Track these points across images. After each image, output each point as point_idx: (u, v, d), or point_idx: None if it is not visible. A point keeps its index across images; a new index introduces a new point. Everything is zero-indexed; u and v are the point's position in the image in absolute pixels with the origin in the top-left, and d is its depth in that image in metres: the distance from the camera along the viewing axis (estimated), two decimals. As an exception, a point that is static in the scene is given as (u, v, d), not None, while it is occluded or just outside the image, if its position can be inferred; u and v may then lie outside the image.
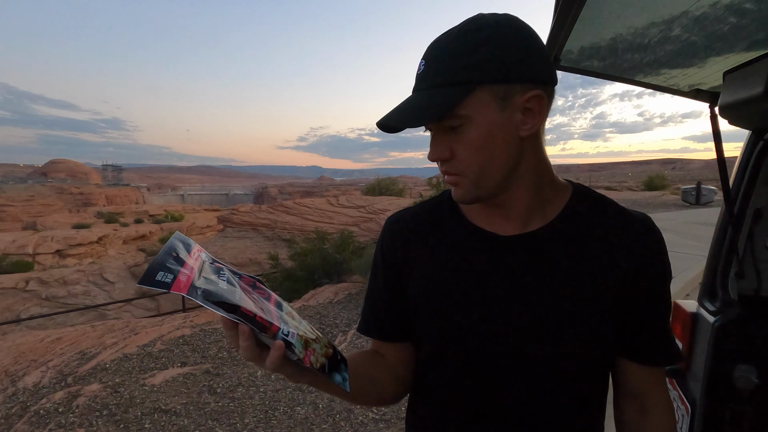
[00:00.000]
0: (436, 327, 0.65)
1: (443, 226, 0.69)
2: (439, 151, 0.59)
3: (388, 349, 0.73)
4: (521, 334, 0.60)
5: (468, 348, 0.63)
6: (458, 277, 0.64)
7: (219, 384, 2.97)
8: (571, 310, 0.59)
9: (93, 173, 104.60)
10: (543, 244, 0.62)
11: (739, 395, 1.30)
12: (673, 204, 15.79)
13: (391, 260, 0.71)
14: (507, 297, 0.61)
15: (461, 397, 0.65)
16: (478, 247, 0.64)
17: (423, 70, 0.57)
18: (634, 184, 36.80)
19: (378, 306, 0.73)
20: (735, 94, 1.06)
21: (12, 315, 13.89)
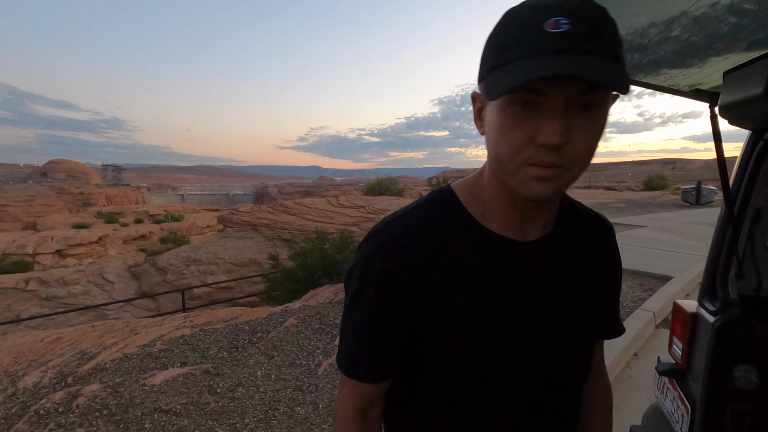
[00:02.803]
0: (474, 353, 0.58)
1: (462, 240, 0.59)
2: (563, 133, 0.46)
3: (385, 386, 0.64)
4: (555, 345, 0.61)
5: (509, 368, 0.59)
6: (493, 296, 0.58)
7: (219, 384, 2.97)
8: (585, 309, 0.64)
9: (93, 173, 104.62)
10: (555, 250, 0.62)
11: (739, 395, 1.30)
12: (673, 204, 15.78)
13: (404, 291, 0.58)
14: (538, 308, 0.60)
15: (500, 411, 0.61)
16: (506, 257, 0.59)
17: (575, 30, 0.45)
18: (634, 184, 36.79)
19: (389, 345, 0.61)
20: (735, 94, 1.06)
21: (12, 315, 13.90)
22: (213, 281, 13.85)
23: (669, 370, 1.54)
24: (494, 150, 0.52)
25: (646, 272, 5.48)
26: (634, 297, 4.61)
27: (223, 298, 12.23)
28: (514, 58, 0.47)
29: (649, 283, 5.08)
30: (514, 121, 0.49)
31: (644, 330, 3.77)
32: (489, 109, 0.53)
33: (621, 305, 4.34)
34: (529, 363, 0.60)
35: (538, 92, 0.47)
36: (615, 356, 3.16)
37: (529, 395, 0.61)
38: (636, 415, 2.46)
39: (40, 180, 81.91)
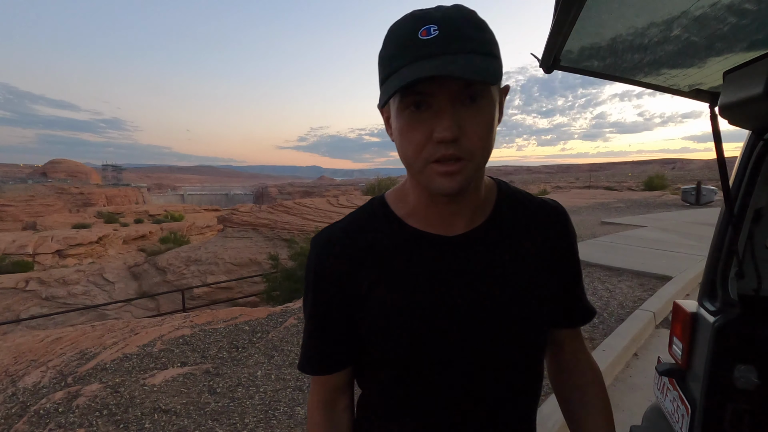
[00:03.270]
0: (405, 344, 0.61)
1: (386, 239, 0.63)
2: (453, 128, 0.51)
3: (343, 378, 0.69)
4: (489, 331, 0.62)
5: (442, 357, 0.61)
6: (419, 289, 0.61)
7: (219, 384, 2.97)
8: (524, 299, 0.63)
9: (93, 173, 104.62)
10: (486, 241, 0.64)
11: (739, 395, 1.30)
12: (673, 204, 15.78)
13: (334, 288, 0.63)
14: (468, 299, 0.61)
15: (438, 407, 0.63)
16: (429, 252, 0.62)
17: (443, 36, 0.50)
18: (634, 184, 36.79)
19: (329, 338, 0.66)
20: (735, 94, 1.06)
21: (12, 315, 13.90)
22: (213, 281, 13.85)
23: (669, 370, 1.54)
24: (401, 152, 0.57)
25: (646, 272, 5.48)
26: (634, 297, 4.61)
27: (223, 298, 12.23)
28: (399, 66, 0.52)
29: (649, 283, 5.08)
30: (411, 122, 0.54)
31: (644, 330, 3.77)
32: (392, 117, 0.58)
33: (621, 305, 4.35)
34: (459, 352, 0.61)
35: (426, 94, 0.52)
36: (615, 356, 3.16)
37: (464, 385, 0.62)
38: (636, 415, 2.46)
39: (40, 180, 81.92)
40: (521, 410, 0.67)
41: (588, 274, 5.54)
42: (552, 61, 0.99)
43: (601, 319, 3.99)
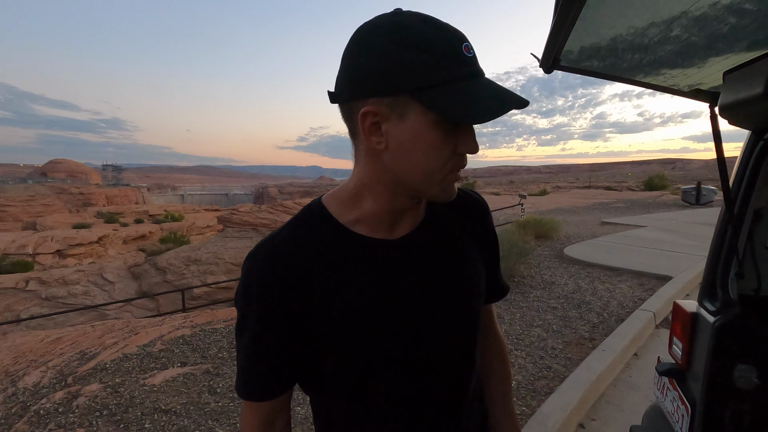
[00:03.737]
0: (366, 346, 0.61)
1: (333, 247, 0.62)
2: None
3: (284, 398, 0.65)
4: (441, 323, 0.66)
5: (401, 354, 0.63)
6: (372, 293, 0.61)
7: (219, 384, 2.97)
8: (468, 289, 0.69)
9: (93, 173, 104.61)
10: (427, 240, 0.67)
11: (739, 395, 1.30)
12: (673, 204, 15.78)
13: (282, 303, 0.59)
14: (419, 296, 0.64)
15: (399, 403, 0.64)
16: (377, 257, 0.63)
17: (474, 54, 0.54)
18: (634, 184, 36.80)
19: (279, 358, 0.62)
20: (735, 94, 1.06)
21: (12, 315, 13.90)
22: (213, 281, 13.85)
23: (669, 370, 1.54)
24: (423, 163, 0.55)
25: (646, 272, 5.48)
26: (634, 297, 4.61)
27: (223, 298, 12.23)
28: (449, 79, 0.52)
29: (649, 283, 5.08)
30: (445, 136, 0.54)
31: (644, 330, 3.77)
32: (406, 125, 0.54)
33: (621, 305, 4.36)
34: (416, 349, 0.64)
35: None
36: (615, 356, 3.16)
37: (422, 379, 0.65)
38: (636, 415, 2.46)
39: (40, 180, 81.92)
40: (471, 387, 0.72)
41: (588, 274, 5.54)
42: (552, 61, 0.99)
43: (601, 319, 3.99)
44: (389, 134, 0.55)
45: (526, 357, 3.26)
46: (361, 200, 0.63)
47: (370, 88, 0.53)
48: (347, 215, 0.63)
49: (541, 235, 7.99)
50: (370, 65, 0.53)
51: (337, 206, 0.64)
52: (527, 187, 42.98)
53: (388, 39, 0.52)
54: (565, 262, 6.22)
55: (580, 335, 3.65)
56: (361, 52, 0.54)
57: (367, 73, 0.53)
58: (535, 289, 5.01)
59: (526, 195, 13.79)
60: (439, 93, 0.51)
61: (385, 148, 0.56)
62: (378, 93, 0.53)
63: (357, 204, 0.63)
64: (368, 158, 0.59)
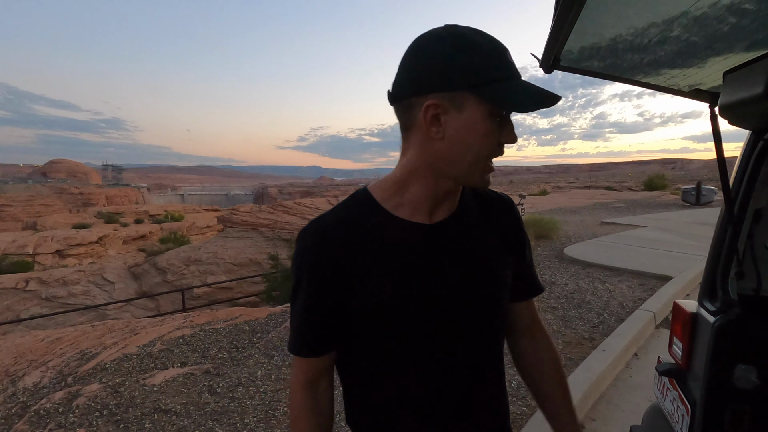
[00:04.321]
0: (398, 321, 0.68)
1: (376, 228, 0.70)
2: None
3: (326, 360, 0.74)
4: (470, 301, 0.72)
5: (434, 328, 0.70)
6: (409, 270, 0.69)
7: (219, 384, 2.97)
8: (493, 273, 0.75)
9: (93, 173, 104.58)
10: (459, 227, 0.74)
11: (739, 395, 1.30)
12: (673, 204, 15.78)
13: (330, 275, 0.68)
14: (452, 275, 0.71)
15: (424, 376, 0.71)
16: (416, 238, 0.70)
17: (514, 62, 0.64)
18: (634, 184, 36.79)
19: (323, 322, 0.71)
20: (735, 94, 1.06)
21: (12, 315, 13.90)
22: (213, 281, 13.85)
23: (669, 370, 1.54)
24: (474, 150, 0.64)
25: (646, 272, 5.48)
26: (634, 297, 4.61)
27: (223, 298, 12.23)
28: (499, 78, 0.62)
29: (649, 283, 5.08)
30: (494, 127, 0.64)
31: (644, 330, 3.77)
32: (463, 116, 0.63)
33: (621, 305, 4.36)
34: (445, 323, 0.70)
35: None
36: (615, 356, 3.16)
37: (449, 358, 0.71)
38: (636, 415, 2.46)
39: (40, 180, 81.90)
40: (495, 366, 0.78)
41: (588, 274, 5.54)
42: (552, 61, 0.99)
43: (601, 319, 3.99)
44: (447, 125, 0.64)
45: (526, 357, 3.26)
46: (406, 186, 0.71)
47: (432, 84, 0.62)
48: (390, 201, 0.71)
49: (541, 235, 7.99)
50: (433, 66, 0.62)
51: (381, 193, 0.72)
52: (527, 187, 42.98)
53: (450, 44, 0.62)
54: (565, 262, 6.22)
55: (580, 335, 3.65)
56: (424, 56, 0.63)
57: (430, 73, 0.62)
58: (535, 289, 5.01)
59: (526, 195, 13.79)
60: (492, 88, 0.61)
61: (442, 138, 0.64)
62: (440, 89, 0.62)
63: (401, 190, 0.71)
64: (422, 147, 0.67)
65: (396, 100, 0.68)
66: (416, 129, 0.66)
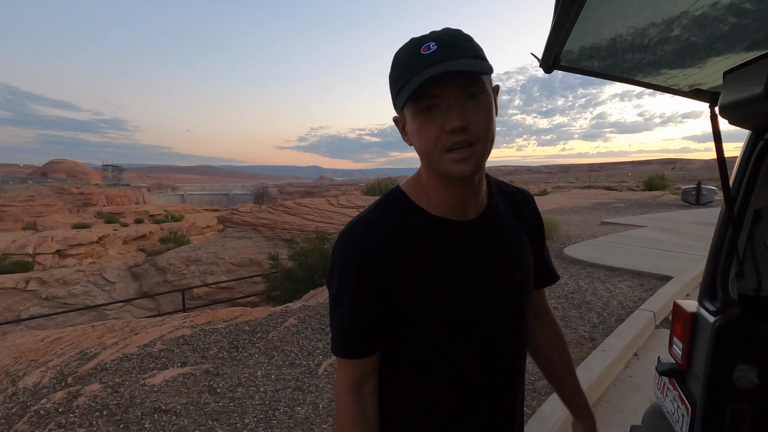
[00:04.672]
0: (441, 316, 0.71)
1: (417, 229, 0.72)
2: (461, 118, 0.63)
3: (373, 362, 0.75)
4: (507, 294, 0.76)
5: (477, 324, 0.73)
6: (451, 268, 0.72)
7: (219, 384, 2.97)
8: (526, 267, 0.80)
9: (93, 173, 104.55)
10: (492, 223, 0.77)
11: (739, 395, 1.30)
12: (673, 204, 15.78)
13: (374, 280, 0.70)
14: (491, 270, 0.74)
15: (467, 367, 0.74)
16: (453, 236, 0.73)
17: (441, 48, 0.63)
18: (634, 184, 36.78)
19: (369, 325, 0.72)
20: (735, 94, 1.06)
21: (12, 315, 13.89)
22: (213, 281, 13.85)
23: (669, 370, 1.54)
24: (420, 149, 0.68)
25: (646, 272, 5.48)
26: (634, 297, 4.61)
27: (223, 298, 12.23)
28: (407, 79, 0.64)
29: (649, 283, 5.08)
30: (425, 122, 0.65)
31: (644, 330, 3.77)
32: (408, 121, 0.68)
33: (621, 305, 4.35)
34: (487, 323, 0.74)
35: (435, 97, 0.64)
36: (615, 356, 3.16)
37: (490, 353, 0.75)
38: (636, 415, 2.46)
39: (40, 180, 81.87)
40: (523, 354, 0.82)
41: (588, 274, 5.54)
42: (552, 61, 0.99)
43: (602, 319, 3.99)
44: (408, 132, 0.70)
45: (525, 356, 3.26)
46: (425, 186, 0.75)
47: (393, 102, 0.70)
48: (423, 200, 0.74)
49: (541, 235, 7.98)
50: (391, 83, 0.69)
51: (414, 192, 0.76)
52: (527, 187, 42.94)
53: (395, 63, 0.68)
54: (565, 262, 6.22)
55: (580, 335, 3.65)
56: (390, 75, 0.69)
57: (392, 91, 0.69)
58: (535, 289, 5.01)
59: (526, 195, 13.72)
60: (406, 89, 0.64)
61: (410, 143, 0.71)
62: (394, 105, 0.70)
63: (425, 190, 0.75)
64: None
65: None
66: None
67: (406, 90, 0.63)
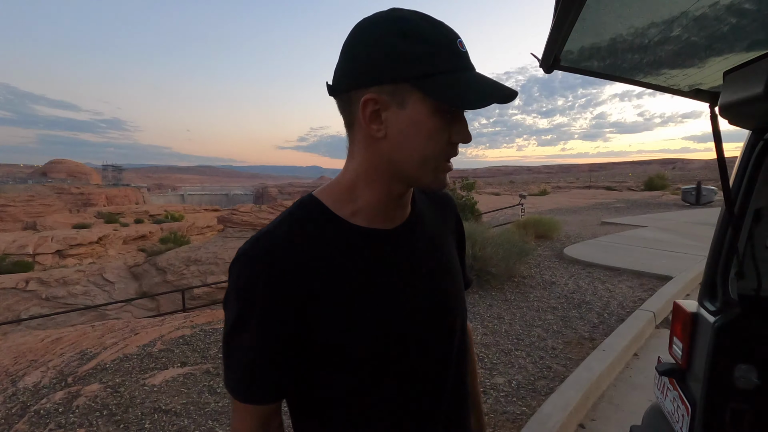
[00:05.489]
0: (373, 344, 0.61)
1: (334, 240, 0.61)
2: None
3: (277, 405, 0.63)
4: (439, 308, 0.68)
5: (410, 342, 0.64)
6: (376, 282, 0.62)
7: (219, 384, 2.96)
8: (455, 274, 0.73)
9: (93, 173, 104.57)
10: (417, 229, 0.69)
11: (739, 395, 1.30)
12: (673, 204, 15.78)
13: (286, 304, 0.57)
14: (419, 283, 0.66)
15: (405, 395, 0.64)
16: (377, 246, 0.63)
17: (467, 51, 0.58)
18: (634, 184, 36.80)
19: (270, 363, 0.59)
20: (735, 94, 1.06)
21: (12, 315, 13.90)
22: (213, 281, 13.85)
23: (669, 370, 1.54)
24: (421, 150, 0.57)
25: (646, 272, 5.48)
26: (634, 297, 4.61)
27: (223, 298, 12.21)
28: (447, 69, 0.55)
29: (649, 283, 5.08)
30: (443, 124, 0.57)
31: (644, 330, 3.77)
32: (406, 112, 0.56)
33: (621, 305, 4.36)
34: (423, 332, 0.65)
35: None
36: (615, 356, 3.16)
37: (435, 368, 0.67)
38: (636, 415, 2.46)
39: (41, 180, 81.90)
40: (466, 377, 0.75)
41: (588, 274, 5.54)
42: (552, 61, 0.99)
43: (602, 319, 3.99)
44: (389, 122, 0.57)
45: (526, 357, 3.26)
46: (357, 191, 0.63)
47: (371, 77, 0.55)
48: (344, 208, 0.63)
49: (541, 235, 7.99)
50: (373, 55, 0.55)
51: (333, 200, 0.64)
52: (527, 187, 42.97)
53: (390, 30, 0.54)
54: (566, 262, 6.22)
55: (581, 335, 3.65)
56: (363, 43, 0.56)
57: (368, 63, 0.55)
58: (536, 289, 5.01)
59: (526, 195, 13.79)
60: (438, 81, 0.54)
61: (384, 136, 0.57)
62: (379, 81, 0.55)
63: (353, 196, 0.63)
64: (366, 148, 0.60)
65: (335, 93, 0.60)
66: (358, 127, 0.59)
67: (450, 86, 0.54)
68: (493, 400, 2.67)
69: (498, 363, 3.18)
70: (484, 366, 3.14)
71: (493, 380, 2.91)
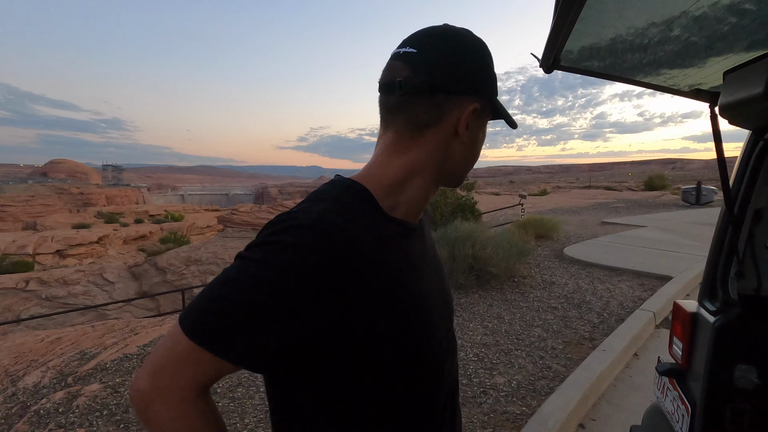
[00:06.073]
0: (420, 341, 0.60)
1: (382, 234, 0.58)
2: None
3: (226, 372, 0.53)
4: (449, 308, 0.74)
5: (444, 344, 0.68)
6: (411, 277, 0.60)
7: (219, 384, 2.96)
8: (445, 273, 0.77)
9: (93, 173, 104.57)
10: (425, 227, 0.73)
11: (739, 395, 1.30)
12: (673, 204, 15.78)
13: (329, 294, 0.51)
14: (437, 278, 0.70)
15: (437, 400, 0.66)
16: (412, 240, 0.64)
17: None
18: (634, 184, 36.80)
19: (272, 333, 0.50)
20: (735, 94, 1.06)
21: (12, 315, 13.90)
22: (213, 281, 13.84)
23: (669, 370, 1.54)
24: (477, 154, 0.68)
25: (646, 272, 5.48)
26: (634, 297, 4.61)
27: (223, 298, 12.20)
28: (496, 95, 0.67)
29: (649, 283, 5.08)
30: (484, 138, 0.69)
31: (644, 330, 3.77)
32: (479, 122, 0.66)
33: (621, 305, 4.36)
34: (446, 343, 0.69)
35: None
36: (615, 356, 3.16)
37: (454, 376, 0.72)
38: (636, 415, 2.46)
39: (41, 180, 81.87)
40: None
41: (588, 274, 5.54)
42: (552, 61, 0.99)
43: (602, 319, 3.99)
44: (472, 129, 0.65)
45: (526, 357, 3.26)
46: (406, 186, 0.63)
47: (478, 87, 0.64)
48: (386, 201, 0.61)
49: (541, 235, 7.99)
50: (479, 70, 0.64)
51: (381, 191, 0.61)
52: (527, 187, 42.98)
53: (486, 51, 0.65)
54: (565, 262, 6.22)
55: (581, 335, 3.65)
56: (471, 57, 0.63)
57: (476, 75, 0.63)
58: (535, 289, 5.01)
59: (526, 195, 13.80)
60: (498, 104, 0.67)
61: (465, 141, 0.65)
62: (481, 93, 0.64)
63: (400, 190, 0.63)
64: (439, 147, 0.64)
65: (429, 91, 0.59)
66: (439, 127, 0.61)
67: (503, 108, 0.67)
68: (493, 400, 2.67)
69: (498, 363, 3.18)
70: (484, 366, 3.14)
71: (493, 380, 2.91)
